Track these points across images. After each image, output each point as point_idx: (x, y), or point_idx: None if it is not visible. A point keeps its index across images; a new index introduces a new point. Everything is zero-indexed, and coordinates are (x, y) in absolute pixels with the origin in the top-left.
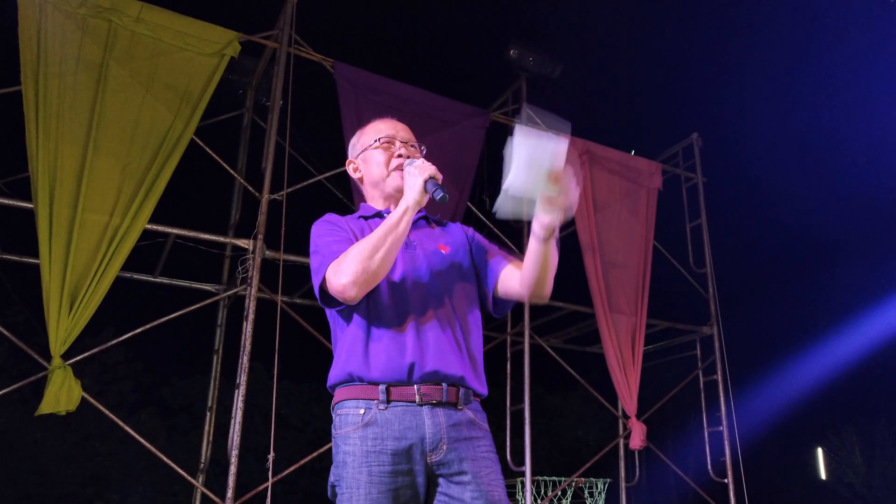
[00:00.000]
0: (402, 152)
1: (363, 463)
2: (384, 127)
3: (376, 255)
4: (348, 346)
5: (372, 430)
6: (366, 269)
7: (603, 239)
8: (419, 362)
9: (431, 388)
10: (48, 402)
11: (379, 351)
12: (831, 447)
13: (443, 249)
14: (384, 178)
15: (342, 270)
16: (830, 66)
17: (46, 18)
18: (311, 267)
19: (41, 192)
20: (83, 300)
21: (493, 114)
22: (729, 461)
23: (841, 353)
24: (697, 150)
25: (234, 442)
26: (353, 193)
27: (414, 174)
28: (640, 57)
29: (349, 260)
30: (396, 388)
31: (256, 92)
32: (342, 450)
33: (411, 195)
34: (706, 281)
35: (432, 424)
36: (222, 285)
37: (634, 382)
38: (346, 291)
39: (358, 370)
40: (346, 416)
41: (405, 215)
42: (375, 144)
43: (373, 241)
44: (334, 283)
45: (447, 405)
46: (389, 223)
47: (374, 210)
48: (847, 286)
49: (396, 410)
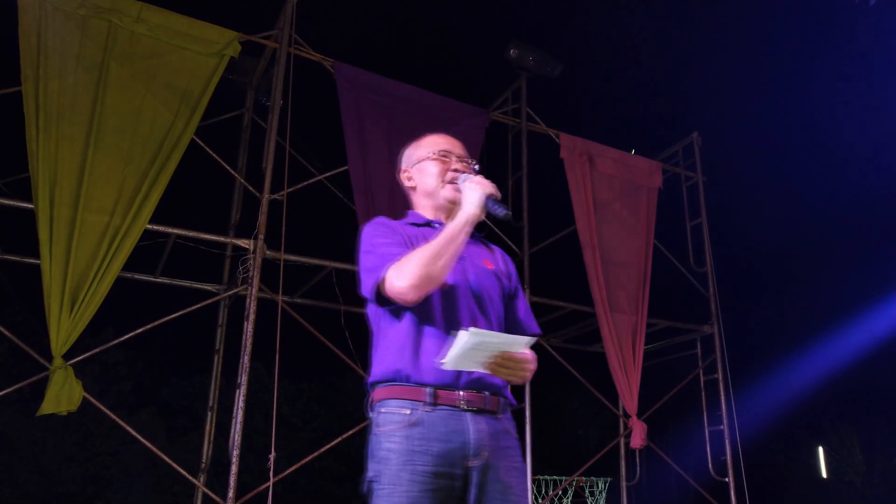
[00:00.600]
0: (457, 167)
1: (407, 461)
2: (442, 141)
3: (438, 262)
4: (398, 345)
5: (417, 431)
6: (428, 274)
7: (603, 238)
8: (466, 370)
9: (475, 395)
10: (49, 402)
11: (429, 353)
12: (832, 446)
13: (487, 265)
14: (438, 189)
15: (404, 273)
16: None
17: (46, 19)
18: (363, 265)
19: (41, 193)
20: (84, 300)
21: (493, 113)
22: (730, 460)
23: (841, 351)
24: (697, 149)
25: (235, 441)
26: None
27: (474, 189)
28: (640, 56)
29: (411, 264)
30: (443, 391)
31: (256, 92)
32: (384, 447)
33: (471, 208)
34: (706, 280)
35: (475, 431)
36: (223, 285)
37: (635, 381)
38: (406, 294)
39: (406, 369)
40: (389, 414)
41: (465, 227)
42: (432, 156)
43: (435, 248)
44: (395, 285)
45: (488, 413)
46: (450, 233)
47: (424, 219)
48: (848, 284)
49: (441, 414)
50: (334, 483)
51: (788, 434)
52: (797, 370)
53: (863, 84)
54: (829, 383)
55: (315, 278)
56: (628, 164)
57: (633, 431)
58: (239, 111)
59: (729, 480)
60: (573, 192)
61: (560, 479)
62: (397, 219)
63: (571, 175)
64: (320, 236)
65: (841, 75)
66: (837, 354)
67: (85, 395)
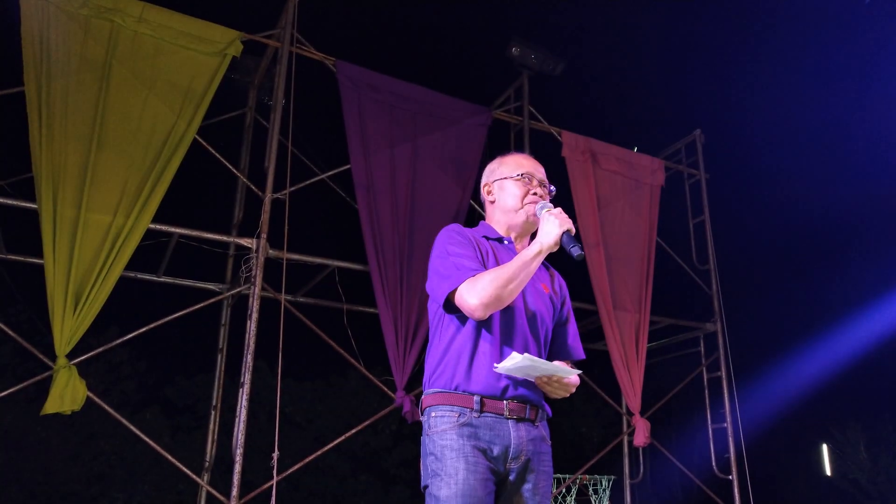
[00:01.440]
0: (538, 191)
1: (461, 455)
2: (526, 163)
3: (510, 286)
4: (455, 355)
5: (468, 430)
6: (499, 297)
7: (606, 236)
8: (512, 385)
9: (518, 406)
10: (53, 401)
11: (481, 367)
12: (836, 443)
13: (545, 289)
14: (516, 210)
15: (477, 291)
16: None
17: (49, 19)
18: (437, 270)
19: (45, 193)
20: (87, 300)
21: (495, 111)
22: (733, 458)
23: (845, 348)
24: (700, 147)
25: (238, 440)
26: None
27: (554, 223)
28: (642, 54)
29: (485, 283)
30: (489, 400)
31: (259, 91)
32: (439, 445)
33: (547, 240)
34: (709, 278)
35: (516, 437)
36: (226, 284)
37: (638, 379)
38: (475, 311)
39: (459, 379)
40: (441, 417)
41: (539, 256)
42: (516, 177)
43: (509, 273)
44: (467, 300)
45: (528, 421)
46: (524, 259)
47: (496, 234)
48: (851, 281)
49: (487, 420)
50: (338, 482)
51: (792, 431)
52: (801, 367)
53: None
54: (832, 380)
55: (318, 277)
56: (631, 162)
57: (637, 429)
58: (241, 110)
59: (732, 478)
60: (575, 189)
61: (564, 476)
62: (406, 222)
63: (573, 173)
64: (323, 235)
65: (844, 72)
66: (841, 351)
67: (89, 394)
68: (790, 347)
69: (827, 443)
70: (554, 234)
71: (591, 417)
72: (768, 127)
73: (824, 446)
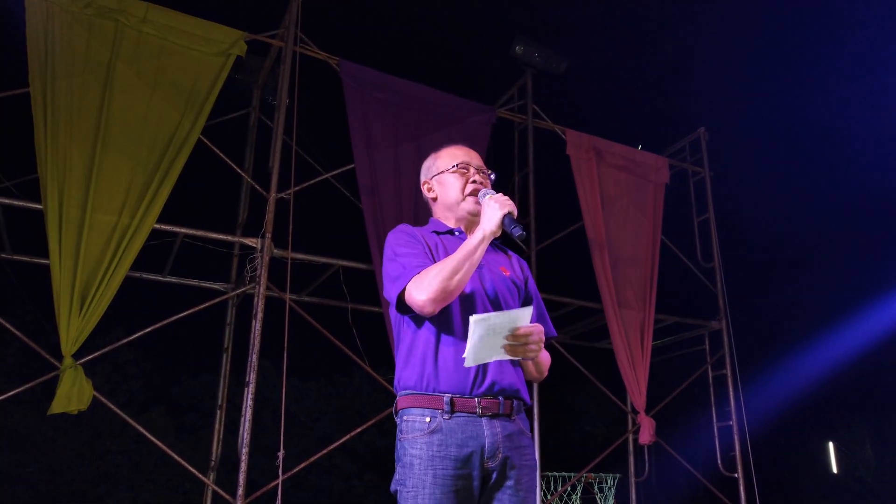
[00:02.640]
0: (476, 178)
1: (428, 466)
2: (460, 153)
3: (455, 277)
4: (420, 354)
5: (437, 437)
6: (445, 289)
7: (610, 234)
8: (480, 376)
9: (490, 402)
10: (60, 401)
11: (447, 362)
12: (842, 441)
13: (504, 272)
14: (459, 203)
15: (423, 287)
16: (838, 59)
17: (54, 20)
18: (388, 273)
19: (50, 193)
20: (93, 300)
21: (499, 110)
22: (739, 456)
23: (850, 346)
24: (704, 144)
25: (244, 440)
26: (417, 208)
27: (494, 207)
28: (646, 51)
29: (430, 278)
30: (460, 399)
31: (262, 91)
32: (409, 453)
33: (489, 226)
34: (714, 275)
35: (490, 434)
36: (231, 284)
37: (643, 377)
38: (424, 307)
39: (428, 378)
40: (412, 422)
41: (482, 243)
42: (452, 169)
43: (452, 264)
44: (415, 297)
45: (503, 416)
46: (468, 249)
47: (446, 227)
48: (856, 279)
49: (459, 420)
50: (343, 481)
51: (798, 429)
52: (806, 365)
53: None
54: (838, 378)
55: (322, 276)
56: (635, 160)
57: (642, 427)
58: (245, 110)
59: (738, 476)
60: (580, 188)
61: (569, 475)
62: (412, 221)
63: (578, 171)
64: (327, 234)
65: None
66: (846, 349)
67: (95, 394)
68: (795, 345)
69: (833, 441)
70: (496, 218)
71: (596, 416)
72: (772, 124)
73: (830, 444)
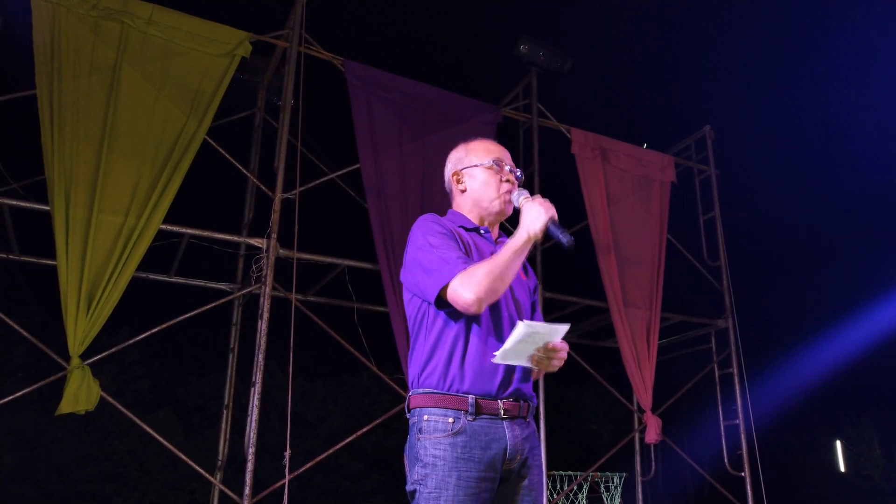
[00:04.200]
0: (510, 178)
1: (453, 468)
2: (495, 150)
3: (505, 278)
4: (447, 352)
5: (461, 439)
6: (495, 290)
7: (616, 233)
8: (506, 381)
9: (512, 404)
10: (67, 401)
11: (473, 363)
12: (850, 439)
13: (522, 276)
14: (492, 200)
15: (473, 285)
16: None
17: (60, 22)
18: (421, 263)
19: (57, 195)
20: (100, 300)
21: (504, 109)
22: (745, 454)
23: (858, 343)
24: (710, 143)
25: (250, 439)
26: (423, 207)
27: (539, 210)
28: (651, 50)
29: (480, 276)
30: (484, 401)
31: (268, 91)
32: (430, 453)
33: (534, 229)
34: (720, 274)
35: (511, 437)
36: (237, 284)
37: (649, 376)
38: (472, 306)
39: (454, 380)
40: (434, 422)
41: (527, 244)
42: (488, 165)
43: (503, 264)
44: (462, 295)
45: (520, 418)
46: (515, 249)
47: (471, 223)
48: (863, 276)
49: (483, 422)
50: (350, 480)
51: (805, 428)
52: (813, 363)
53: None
54: (845, 376)
55: (328, 276)
56: (640, 159)
57: (648, 426)
58: (250, 111)
59: (745, 475)
60: (585, 187)
61: (575, 474)
62: (410, 219)
63: (583, 170)
64: (333, 234)
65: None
66: (853, 347)
67: (102, 394)
68: (802, 343)
69: (840, 439)
70: (540, 221)
71: (602, 415)
72: (778, 122)
73: (838, 442)
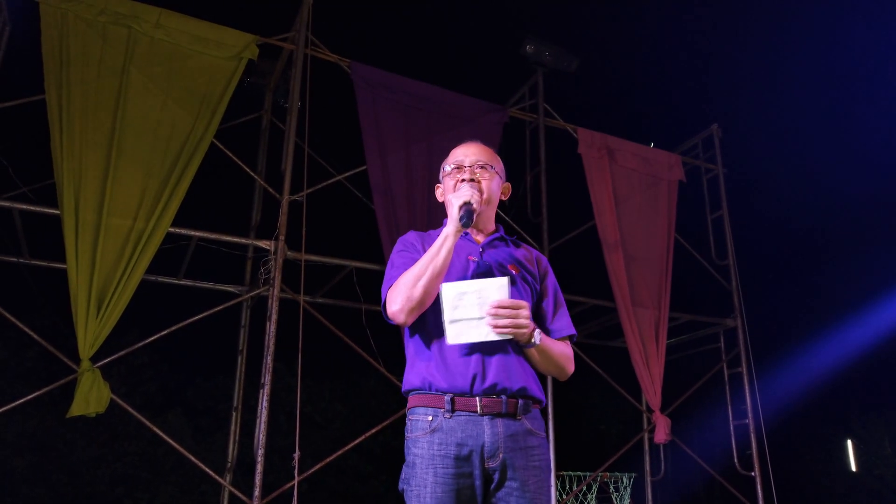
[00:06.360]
0: (464, 177)
1: (430, 465)
2: (458, 153)
3: (418, 285)
4: (425, 355)
5: (438, 436)
6: (410, 298)
7: (624, 232)
8: (480, 376)
9: (492, 401)
10: (78, 404)
11: (447, 362)
12: (860, 438)
13: (513, 270)
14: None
15: (393, 299)
16: (851, 54)
17: (68, 27)
18: (384, 281)
19: (66, 198)
20: (110, 303)
21: (510, 109)
22: (755, 454)
23: (867, 342)
24: (717, 141)
25: (259, 441)
26: (430, 208)
27: (453, 203)
28: (658, 49)
29: (398, 289)
30: (460, 398)
31: (274, 94)
32: (412, 452)
33: (450, 225)
34: (729, 273)
35: (491, 434)
36: (245, 286)
37: (658, 376)
38: (396, 318)
39: (430, 378)
40: (416, 421)
41: (444, 244)
42: (448, 172)
43: (415, 272)
44: (389, 309)
45: (506, 416)
46: (430, 253)
47: None
48: (871, 275)
49: (460, 419)
50: (359, 481)
51: (815, 427)
52: (823, 362)
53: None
54: (856, 375)
55: (336, 278)
56: (647, 158)
57: (657, 426)
58: (257, 113)
59: (755, 475)
60: (592, 186)
61: (584, 474)
62: (425, 221)
63: (590, 170)
64: (340, 236)
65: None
66: (863, 345)
67: (112, 396)
68: (812, 341)
69: (851, 438)
70: (453, 214)
71: (611, 415)
72: (786, 120)
73: (848, 441)
